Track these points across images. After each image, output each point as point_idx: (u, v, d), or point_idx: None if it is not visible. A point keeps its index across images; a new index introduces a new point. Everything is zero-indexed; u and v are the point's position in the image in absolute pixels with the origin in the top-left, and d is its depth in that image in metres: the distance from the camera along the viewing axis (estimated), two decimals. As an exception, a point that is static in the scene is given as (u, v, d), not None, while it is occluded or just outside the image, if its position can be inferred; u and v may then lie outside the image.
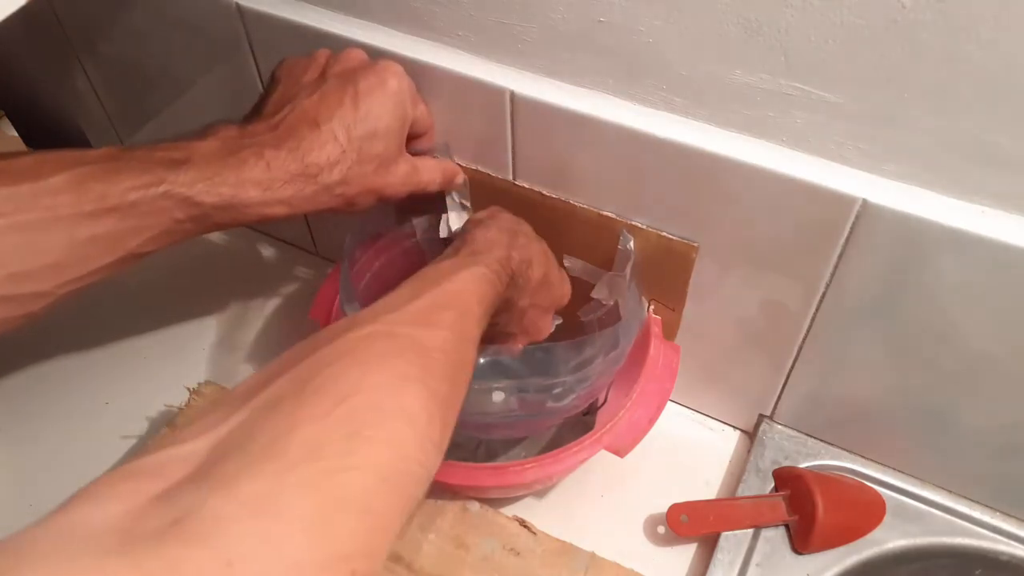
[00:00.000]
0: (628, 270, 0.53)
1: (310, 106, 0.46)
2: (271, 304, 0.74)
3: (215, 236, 0.80)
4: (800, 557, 0.55)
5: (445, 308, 0.39)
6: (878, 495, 0.57)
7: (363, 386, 0.31)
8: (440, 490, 0.58)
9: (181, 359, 0.70)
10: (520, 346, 0.53)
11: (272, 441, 0.28)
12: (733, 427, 0.64)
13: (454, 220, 0.57)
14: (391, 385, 0.32)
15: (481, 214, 0.52)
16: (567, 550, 0.56)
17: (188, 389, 0.66)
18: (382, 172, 0.48)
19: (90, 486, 0.26)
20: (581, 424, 0.61)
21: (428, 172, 0.51)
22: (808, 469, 0.58)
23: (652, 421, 0.53)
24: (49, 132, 0.84)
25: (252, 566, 0.24)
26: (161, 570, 0.23)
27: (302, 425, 0.29)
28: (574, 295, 0.57)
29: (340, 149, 0.45)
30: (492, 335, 0.51)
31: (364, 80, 0.47)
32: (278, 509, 0.26)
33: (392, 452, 0.30)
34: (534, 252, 0.50)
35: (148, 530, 0.24)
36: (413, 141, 0.52)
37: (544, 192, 0.54)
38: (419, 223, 0.60)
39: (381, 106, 0.47)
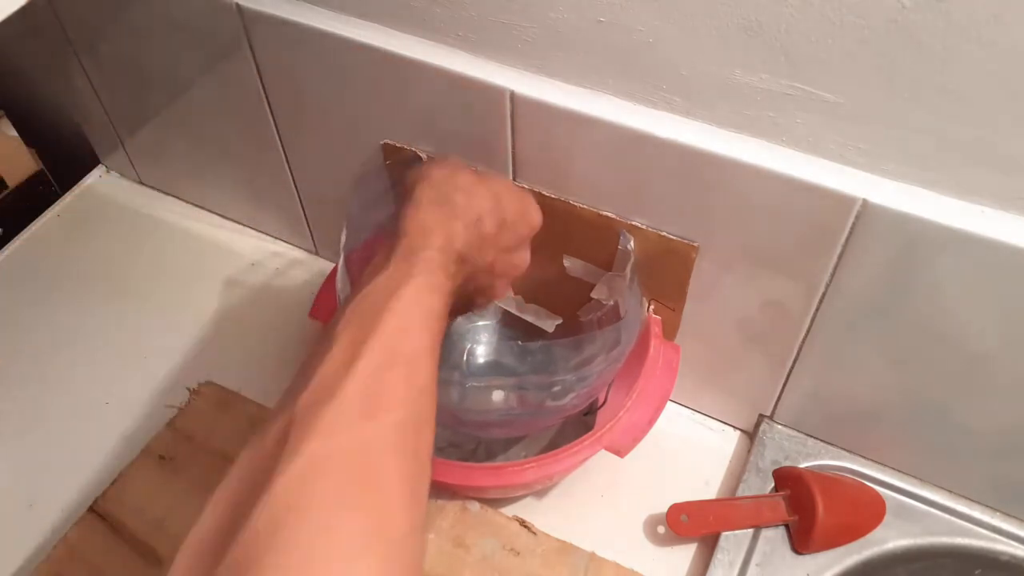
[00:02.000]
0: (628, 270, 0.53)
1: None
2: (271, 304, 0.74)
3: (215, 236, 0.80)
4: (800, 557, 0.55)
5: (390, 366, 0.34)
6: (878, 495, 0.57)
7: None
8: (440, 490, 0.58)
9: (181, 359, 0.70)
10: (507, 291, 0.50)
11: None
12: (733, 427, 0.64)
13: None
14: (344, 566, 0.28)
15: (413, 174, 0.44)
16: (567, 550, 0.56)
17: (188, 389, 0.66)
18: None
19: None
20: (581, 424, 0.61)
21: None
22: (808, 469, 0.58)
23: (652, 421, 0.53)
24: (49, 132, 0.84)
25: None
26: None
27: None
28: (574, 295, 0.57)
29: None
30: (469, 297, 0.46)
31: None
32: None
33: None
34: (479, 205, 0.42)
35: None
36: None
37: (544, 192, 0.54)
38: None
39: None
